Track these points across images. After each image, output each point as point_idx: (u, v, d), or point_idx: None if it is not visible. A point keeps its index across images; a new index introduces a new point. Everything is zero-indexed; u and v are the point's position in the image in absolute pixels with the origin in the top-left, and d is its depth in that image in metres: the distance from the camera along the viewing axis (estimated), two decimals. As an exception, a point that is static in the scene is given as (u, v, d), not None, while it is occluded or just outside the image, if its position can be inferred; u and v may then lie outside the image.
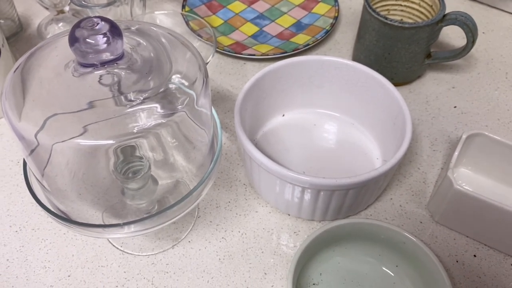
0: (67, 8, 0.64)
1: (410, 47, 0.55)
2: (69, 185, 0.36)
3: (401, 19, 0.60)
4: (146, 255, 0.45)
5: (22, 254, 0.45)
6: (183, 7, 0.68)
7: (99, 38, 0.31)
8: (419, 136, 0.55)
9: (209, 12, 0.69)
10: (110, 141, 0.31)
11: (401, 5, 0.59)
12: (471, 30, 0.54)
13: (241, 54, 0.61)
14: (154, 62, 0.34)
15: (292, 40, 0.64)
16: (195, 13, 0.67)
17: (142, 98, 0.32)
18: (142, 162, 0.37)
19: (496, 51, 0.65)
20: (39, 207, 0.36)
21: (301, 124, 0.55)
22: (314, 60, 0.52)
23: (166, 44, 0.36)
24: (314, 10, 0.69)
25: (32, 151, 0.33)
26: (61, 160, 0.34)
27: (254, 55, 0.61)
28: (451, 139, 0.54)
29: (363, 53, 0.59)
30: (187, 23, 0.56)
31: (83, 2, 0.54)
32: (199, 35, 0.54)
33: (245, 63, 0.63)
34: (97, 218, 0.39)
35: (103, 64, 0.32)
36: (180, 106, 0.33)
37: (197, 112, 0.35)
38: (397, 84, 0.57)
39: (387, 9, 0.60)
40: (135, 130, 0.31)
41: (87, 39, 0.31)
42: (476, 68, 0.62)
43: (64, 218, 0.36)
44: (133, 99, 0.32)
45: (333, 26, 0.66)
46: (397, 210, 0.48)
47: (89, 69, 0.32)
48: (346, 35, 0.67)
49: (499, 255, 0.45)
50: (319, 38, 0.63)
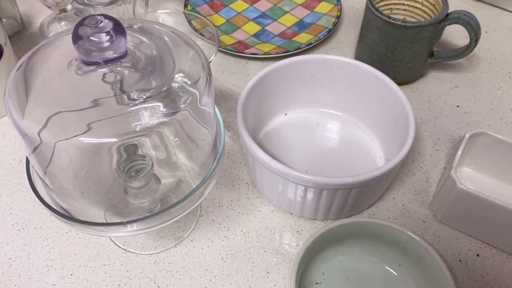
0: (70, 7, 0.64)
1: (413, 46, 0.55)
2: (72, 183, 0.36)
3: (404, 18, 0.59)
4: (149, 254, 0.45)
5: (25, 253, 0.45)
6: (185, 6, 0.68)
7: (103, 36, 0.31)
8: (422, 136, 0.55)
9: (212, 11, 0.68)
10: (113, 140, 0.31)
11: (404, 4, 0.59)
12: (474, 29, 0.54)
13: (244, 53, 0.61)
14: (157, 61, 0.34)
15: (295, 39, 0.64)
16: (198, 12, 0.67)
17: (145, 97, 0.32)
18: (145, 161, 0.37)
19: (499, 51, 0.65)
20: (42, 206, 0.36)
21: (304, 123, 0.55)
22: (317, 59, 0.52)
23: (169, 43, 0.36)
24: (317, 9, 0.68)
25: (35, 149, 0.33)
26: (64, 158, 0.34)
27: (257, 54, 0.61)
28: (454, 139, 0.54)
29: (366, 52, 0.59)
30: (189, 22, 0.56)
31: (86, 1, 0.54)
32: (201, 34, 0.54)
33: (248, 62, 0.63)
34: (100, 217, 0.39)
35: (107, 62, 0.32)
36: (183, 105, 0.33)
37: (200, 111, 0.35)
38: (400, 83, 0.57)
39: (390, 8, 0.60)
40: (138, 129, 0.31)
41: (91, 37, 0.31)
42: (479, 67, 0.62)
43: (67, 217, 0.36)
44: (136, 98, 0.32)
45: (336, 25, 0.66)
46: (400, 209, 0.48)
47: (93, 67, 0.32)
48: (349, 34, 0.67)
49: (502, 255, 0.45)
50: (322, 37, 0.63)
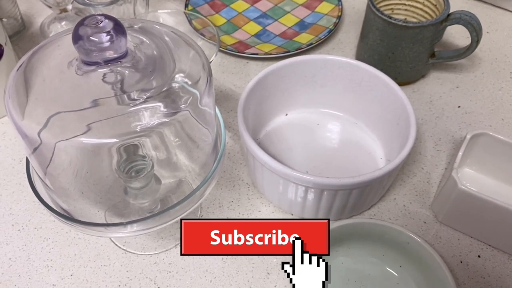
0: (70, 7, 0.64)
1: (414, 47, 0.55)
2: (72, 184, 0.36)
3: (405, 18, 0.59)
4: (149, 255, 0.45)
5: (25, 253, 0.45)
6: (186, 6, 0.68)
7: (103, 36, 0.31)
8: (423, 136, 0.55)
9: (212, 11, 0.68)
10: (113, 140, 0.31)
11: (405, 4, 0.59)
12: (476, 30, 0.54)
13: (244, 53, 0.61)
14: (158, 61, 0.34)
15: (295, 39, 0.64)
16: (198, 12, 0.66)
17: (145, 97, 0.32)
18: (145, 161, 0.37)
19: (500, 51, 0.64)
20: (42, 206, 0.36)
21: (304, 124, 0.54)
22: (318, 59, 0.51)
23: (170, 43, 0.36)
24: (318, 9, 0.68)
25: (35, 150, 0.33)
26: (64, 159, 0.34)
27: (257, 54, 0.61)
28: (455, 139, 0.54)
29: (367, 53, 0.59)
30: (190, 22, 0.56)
31: (86, 1, 0.54)
32: (202, 34, 0.54)
33: (248, 62, 0.63)
34: (100, 217, 0.39)
35: (107, 62, 0.32)
36: (184, 105, 0.33)
37: (201, 111, 0.35)
38: (401, 84, 0.56)
39: (391, 8, 0.60)
40: (138, 129, 0.31)
41: (91, 37, 0.31)
42: (480, 68, 0.62)
43: (67, 217, 0.35)
44: (136, 98, 0.32)
45: (337, 25, 0.65)
46: (401, 210, 0.48)
47: (93, 67, 0.32)
48: (350, 35, 0.67)
49: (504, 256, 0.45)
50: (323, 38, 0.63)
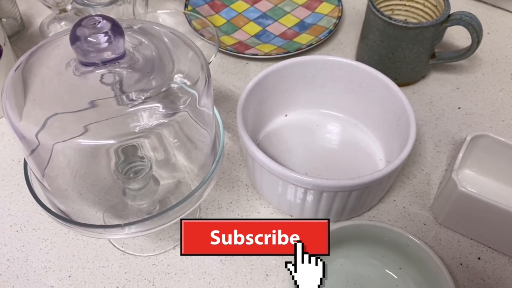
0: (69, 7, 0.64)
1: (414, 48, 0.55)
2: (70, 185, 0.36)
3: (405, 19, 0.59)
4: (147, 256, 0.45)
5: (23, 254, 0.45)
6: (186, 6, 0.68)
7: (101, 37, 0.31)
8: (423, 137, 0.54)
9: (212, 11, 0.68)
10: (111, 141, 0.31)
11: (405, 5, 0.59)
12: (476, 31, 0.54)
13: (244, 54, 0.61)
14: (156, 61, 0.34)
15: (295, 40, 0.64)
16: (198, 12, 0.66)
17: (144, 98, 0.32)
18: (144, 162, 0.37)
19: (501, 52, 0.64)
20: (40, 207, 0.35)
21: (304, 125, 0.54)
22: (317, 60, 0.51)
23: (169, 43, 0.36)
24: (318, 10, 0.68)
25: (33, 151, 0.33)
26: (62, 160, 0.34)
27: (257, 55, 0.61)
28: (455, 140, 0.54)
29: (367, 53, 0.59)
30: (190, 22, 0.55)
31: (85, 1, 0.54)
32: (202, 35, 0.54)
33: (248, 63, 0.63)
34: (98, 219, 0.39)
35: (105, 63, 0.32)
36: (182, 106, 0.32)
37: (199, 112, 0.35)
38: (401, 85, 0.56)
39: (391, 9, 0.60)
40: (137, 130, 0.31)
41: (89, 38, 0.31)
42: (481, 69, 0.62)
43: (65, 219, 0.35)
44: (135, 99, 0.32)
45: (337, 26, 0.65)
46: (401, 212, 0.48)
47: (91, 68, 0.32)
48: (350, 35, 0.67)
49: (504, 258, 0.45)
50: (323, 38, 0.63)
